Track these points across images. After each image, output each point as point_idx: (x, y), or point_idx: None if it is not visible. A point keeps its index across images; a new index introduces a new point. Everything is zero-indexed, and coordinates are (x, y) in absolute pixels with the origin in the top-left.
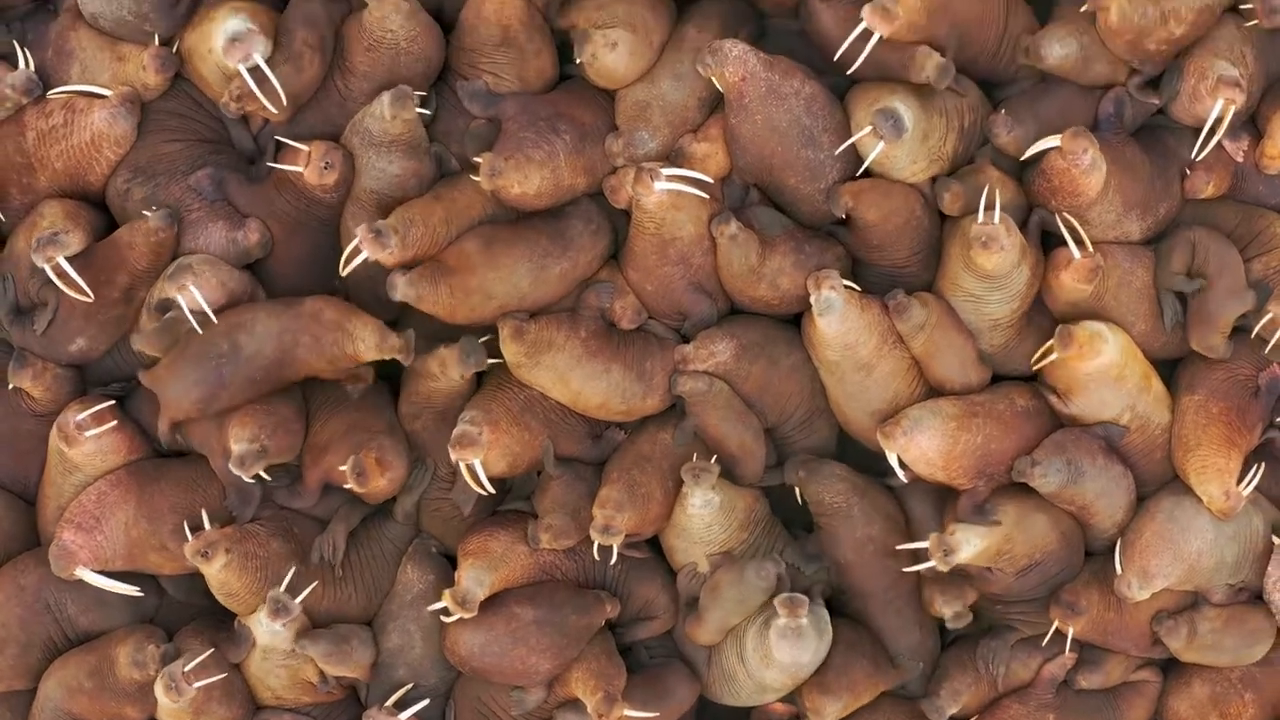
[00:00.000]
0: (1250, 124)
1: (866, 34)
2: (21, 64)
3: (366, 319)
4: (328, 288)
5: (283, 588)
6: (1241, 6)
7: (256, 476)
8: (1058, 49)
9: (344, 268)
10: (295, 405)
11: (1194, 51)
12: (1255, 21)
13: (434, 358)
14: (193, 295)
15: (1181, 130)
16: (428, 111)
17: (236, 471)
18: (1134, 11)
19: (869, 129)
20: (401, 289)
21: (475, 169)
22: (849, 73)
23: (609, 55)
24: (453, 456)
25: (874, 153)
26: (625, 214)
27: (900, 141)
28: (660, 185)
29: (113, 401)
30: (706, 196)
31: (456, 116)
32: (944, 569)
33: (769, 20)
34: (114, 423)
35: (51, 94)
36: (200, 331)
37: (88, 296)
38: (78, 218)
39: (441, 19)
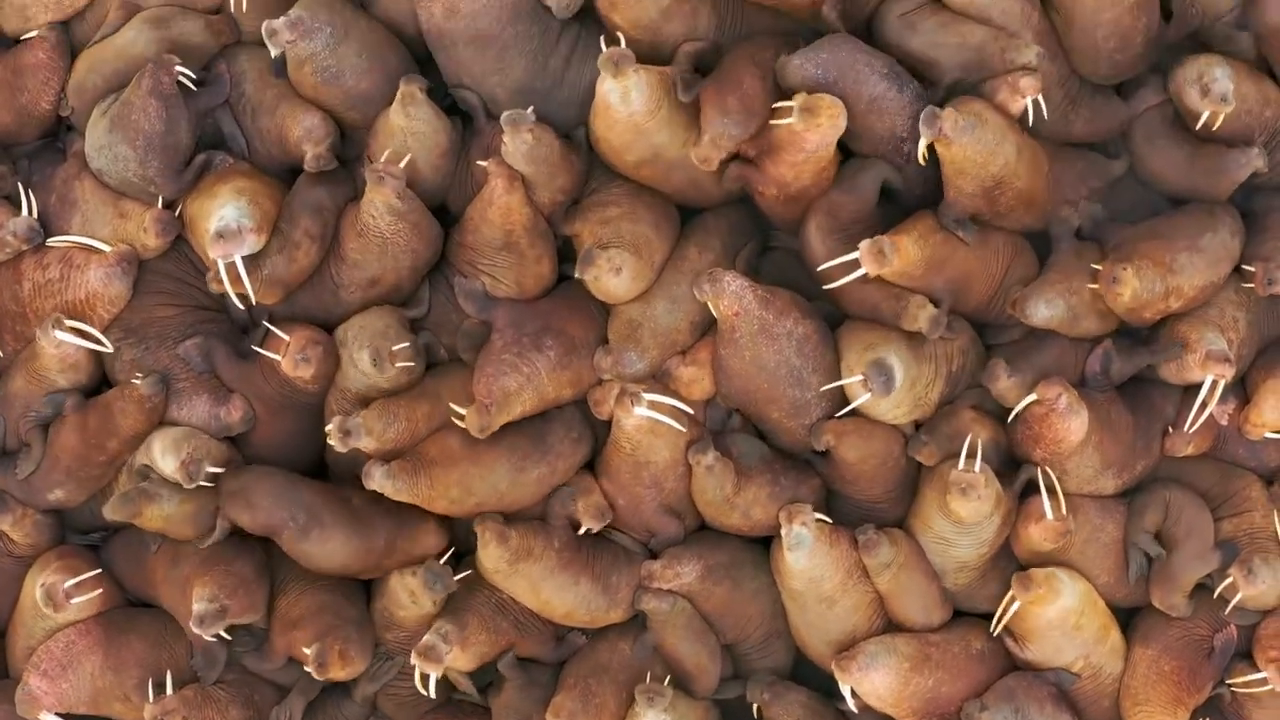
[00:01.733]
0: (1239, 386)
1: (853, 265)
2: (24, 209)
3: None
4: (310, 465)
5: None
6: (1244, 266)
7: (218, 636)
8: (1044, 310)
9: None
10: (256, 564)
11: (1188, 318)
12: (1252, 285)
13: (402, 587)
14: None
15: (1168, 387)
16: (410, 363)
17: (197, 630)
18: (1144, 290)
19: (859, 378)
20: (378, 480)
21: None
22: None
23: (612, 280)
24: (414, 663)
25: (860, 400)
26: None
27: (888, 397)
28: (640, 411)
29: (99, 570)
30: (684, 430)
31: (450, 310)
32: None
33: (773, 233)
34: (99, 591)
35: (51, 242)
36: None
37: (107, 347)
38: (78, 368)
39: (446, 210)
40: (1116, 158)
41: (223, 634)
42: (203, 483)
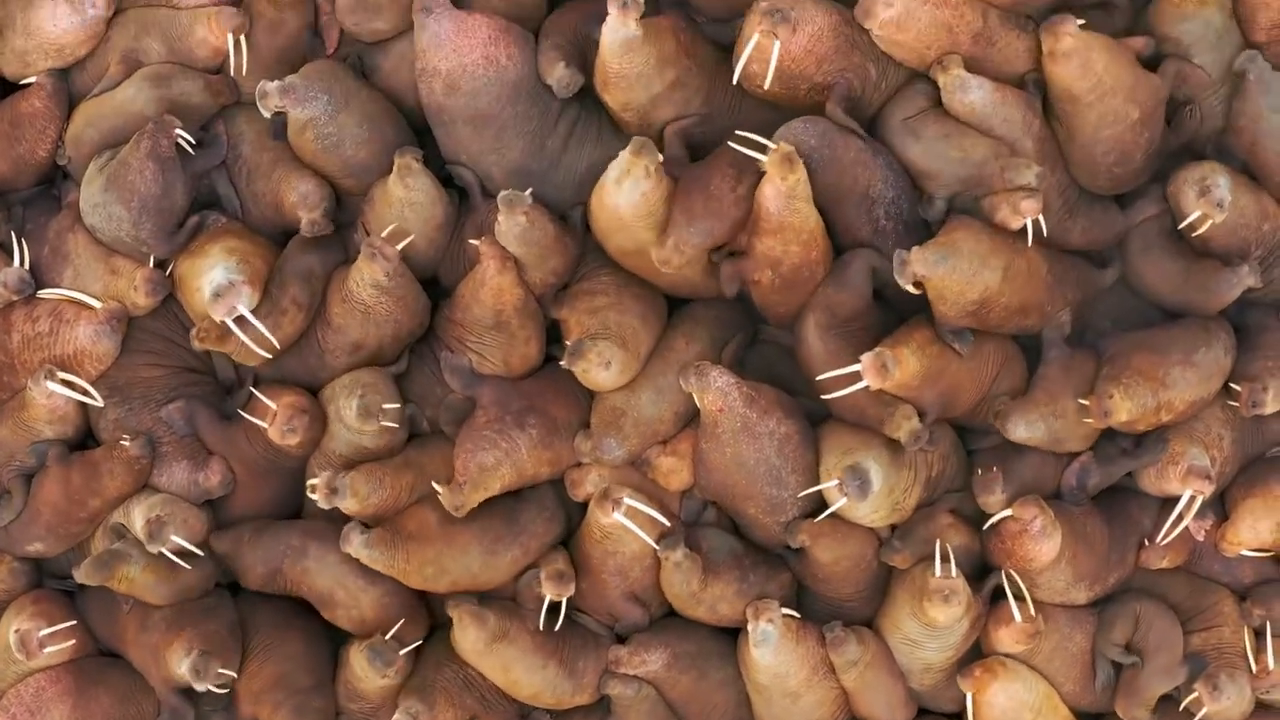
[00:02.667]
0: (1217, 502)
1: (853, 377)
2: (17, 260)
3: None
4: None
5: None
6: (1231, 385)
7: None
8: (1024, 431)
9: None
10: (228, 623)
11: (1174, 431)
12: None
13: (355, 659)
14: (176, 544)
15: (1146, 498)
16: (394, 424)
17: (196, 683)
18: (1136, 409)
19: (836, 483)
20: (356, 548)
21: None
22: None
23: (601, 373)
24: None
25: (837, 505)
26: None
27: (865, 502)
28: (618, 516)
29: (75, 622)
30: (654, 545)
31: (435, 384)
32: None
33: (761, 327)
34: (73, 641)
35: (42, 293)
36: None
37: (98, 401)
38: (66, 420)
39: (436, 284)
40: (1108, 265)
41: (213, 687)
42: (167, 552)
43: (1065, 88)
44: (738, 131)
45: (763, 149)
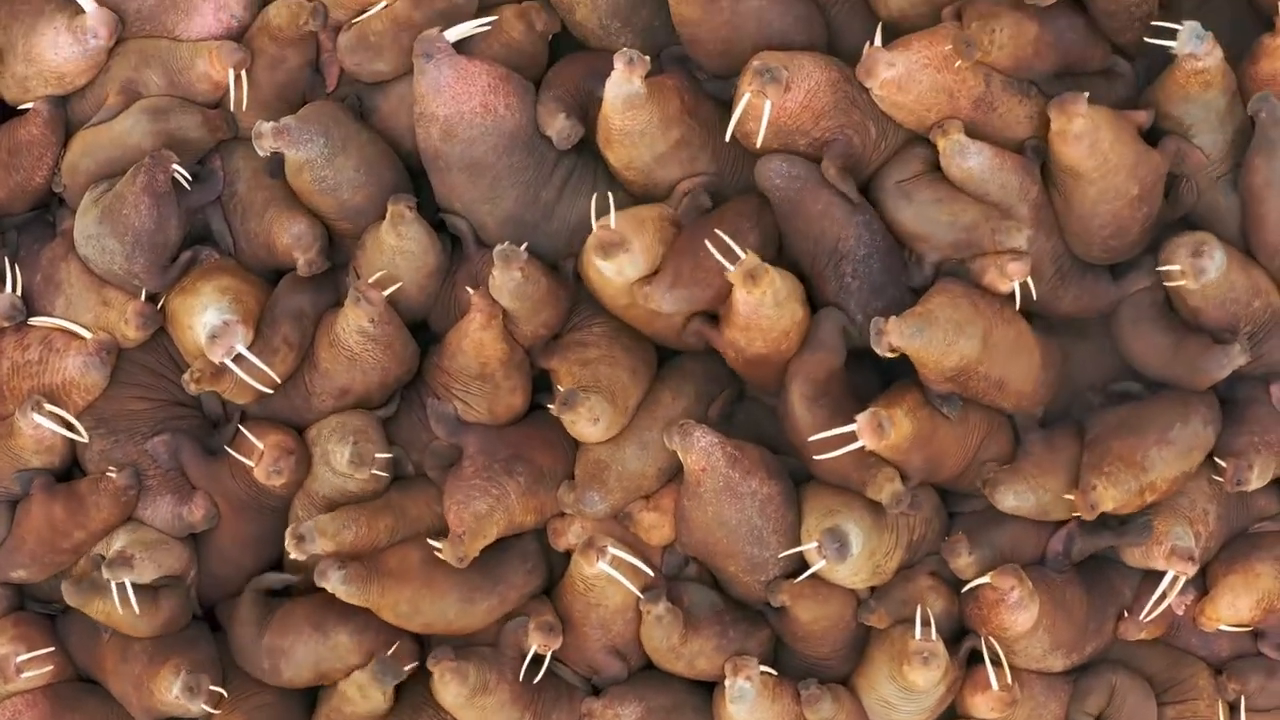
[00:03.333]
0: (1199, 575)
1: (846, 438)
2: (9, 286)
3: None
4: (270, 567)
5: None
6: (1217, 460)
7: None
8: (1012, 501)
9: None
10: (209, 655)
11: (1158, 508)
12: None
13: (350, 683)
14: (125, 588)
15: (1128, 568)
16: (384, 474)
17: (190, 703)
18: (1120, 496)
19: (816, 545)
20: (332, 582)
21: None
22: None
23: (589, 427)
24: None
25: (817, 566)
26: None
27: (844, 564)
28: (602, 566)
29: (53, 648)
30: (639, 594)
31: (421, 429)
32: None
33: (747, 386)
34: (51, 667)
35: (33, 321)
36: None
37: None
38: (53, 450)
39: (427, 328)
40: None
41: (207, 708)
42: (116, 586)
43: (1070, 164)
44: (717, 229)
45: (736, 256)
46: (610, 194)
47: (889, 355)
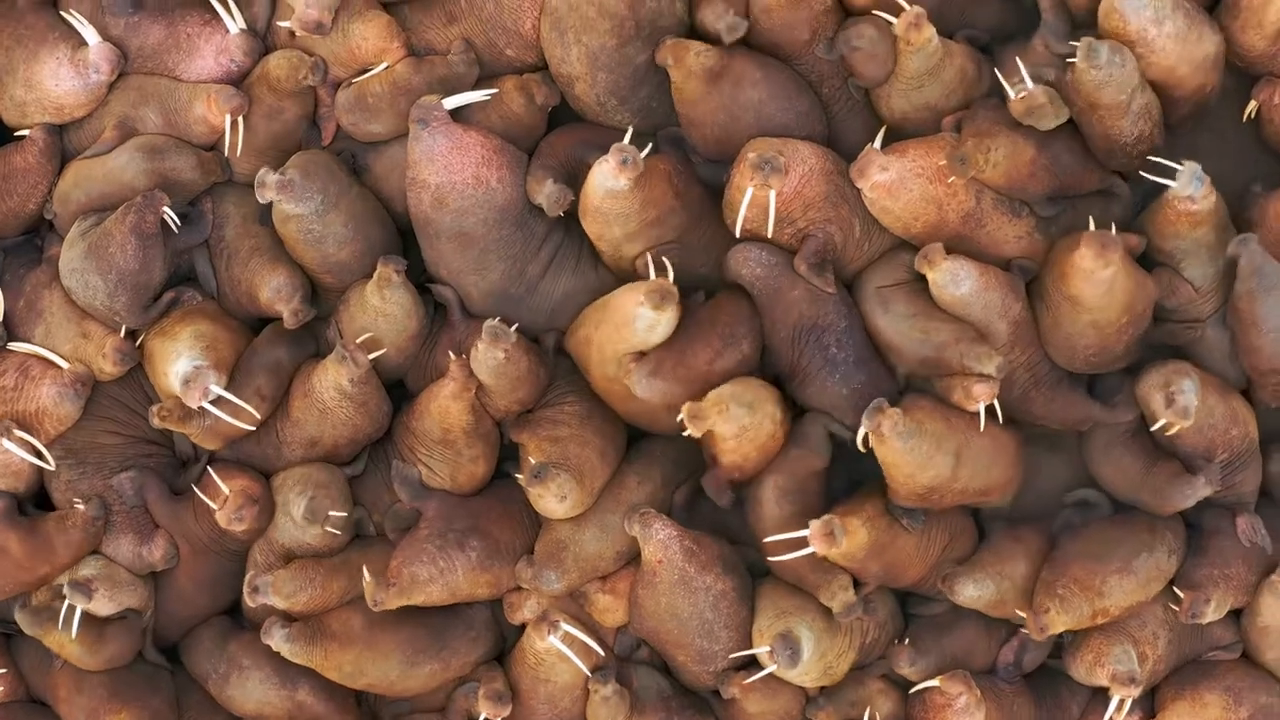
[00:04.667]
0: (1150, 696)
1: (800, 542)
2: None
3: None
4: (228, 609)
5: None
6: (1175, 589)
7: None
8: (972, 590)
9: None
10: (168, 701)
11: (1108, 626)
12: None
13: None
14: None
15: (1078, 685)
16: (338, 532)
17: None
18: (1071, 620)
19: (767, 649)
20: (276, 641)
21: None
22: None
23: (554, 505)
24: None
25: (769, 669)
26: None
27: (794, 670)
28: (553, 640)
29: (5, 670)
30: (588, 672)
31: (385, 490)
32: None
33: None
34: (1, 688)
35: (12, 346)
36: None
37: (50, 465)
38: (19, 476)
39: (401, 387)
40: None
41: None
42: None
43: (1076, 294)
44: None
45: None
46: (665, 258)
47: (862, 447)
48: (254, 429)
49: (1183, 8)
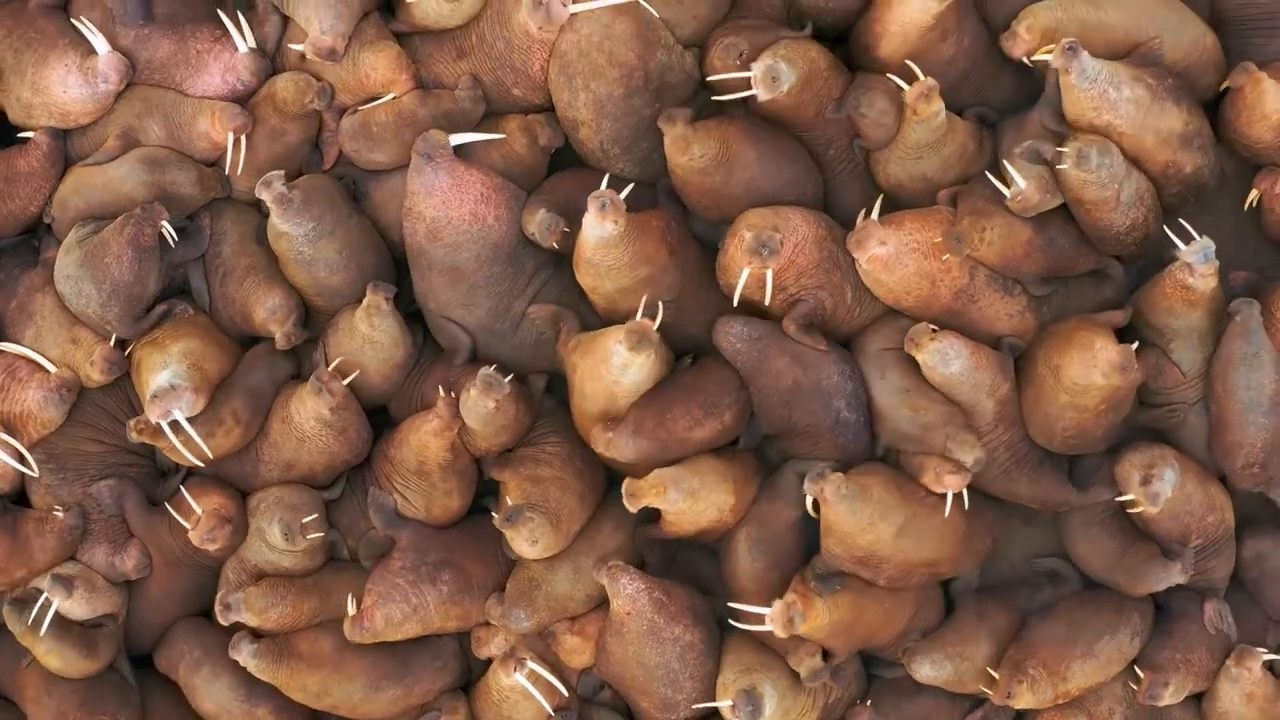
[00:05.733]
0: None
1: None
2: None
3: None
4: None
5: None
6: (1137, 669)
7: None
8: (929, 670)
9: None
10: (135, 713)
11: (1068, 709)
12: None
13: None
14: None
15: None
16: (301, 549)
17: None
18: (1035, 701)
19: (729, 704)
20: (244, 656)
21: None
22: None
23: (527, 548)
24: None
25: None
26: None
27: None
28: (518, 678)
29: None
30: (550, 711)
31: (361, 516)
32: None
33: None
34: None
35: (1, 346)
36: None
37: (33, 471)
38: (3, 478)
39: (384, 413)
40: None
41: None
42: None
43: (1071, 377)
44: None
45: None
46: (660, 302)
47: (813, 512)
48: (210, 460)
49: (1144, 81)
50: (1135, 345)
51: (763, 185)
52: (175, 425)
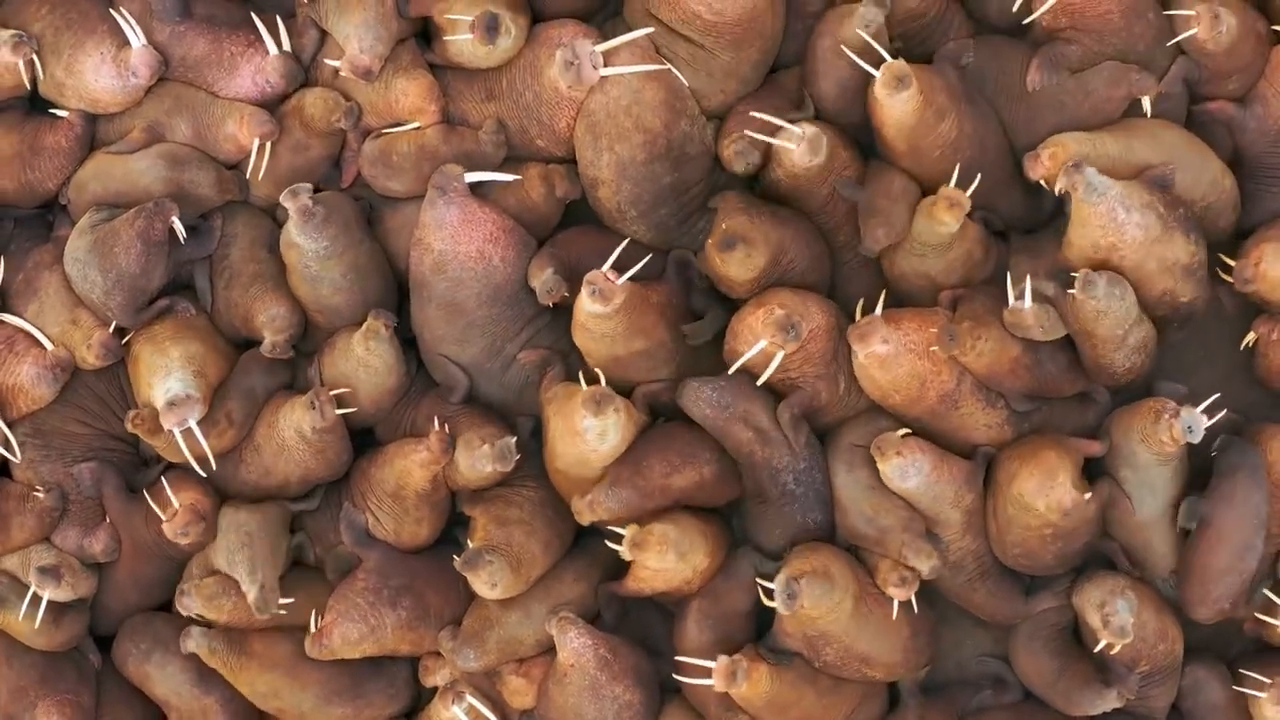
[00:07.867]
0: None
1: (706, 672)
2: None
3: None
4: (160, 609)
5: None
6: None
7: None
8: None
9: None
10: (92, 691)
11: None
12: None
13: None
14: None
15: None
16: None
17: None
18: None
19: None
20: (194, 642)
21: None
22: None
23: (486, 589)
24: None
25: None
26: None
27: None
28: (456, 711)
29: None
30: None
31: (333, 528)
32: None
33: None
34: None
35: (2, 316)
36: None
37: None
38: None
39: (370, 436)
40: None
41: None
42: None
43: (1023, 496)
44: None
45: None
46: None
47: (765, 600)
48: (213, 467)
49: (1155, 210)
50: (1089, 495)
51: (794, 258)
52: (186, 432)
